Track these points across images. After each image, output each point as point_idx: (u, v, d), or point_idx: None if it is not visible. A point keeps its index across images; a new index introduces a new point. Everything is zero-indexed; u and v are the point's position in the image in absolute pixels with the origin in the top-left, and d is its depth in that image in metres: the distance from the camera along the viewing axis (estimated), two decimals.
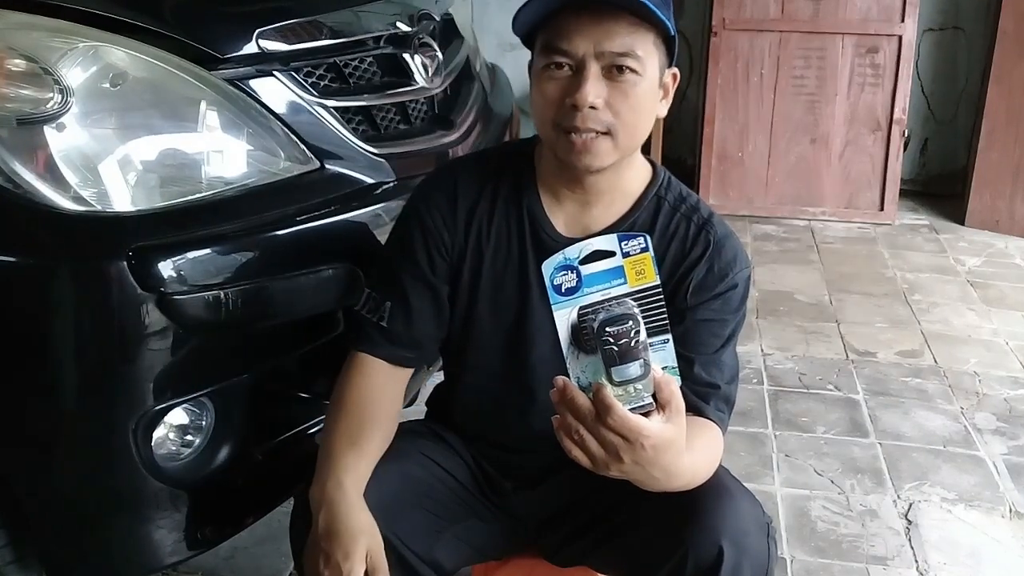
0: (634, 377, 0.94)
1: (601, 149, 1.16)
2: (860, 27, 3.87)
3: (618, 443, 0.95)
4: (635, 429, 0.94)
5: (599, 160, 1.17)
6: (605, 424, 0.94)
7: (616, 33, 1.12)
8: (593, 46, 1.12)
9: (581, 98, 1.12)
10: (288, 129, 1.44)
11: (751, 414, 2.47)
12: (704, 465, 1.13)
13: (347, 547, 1.15)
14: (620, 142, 1.17)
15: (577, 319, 0.95)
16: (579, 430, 0.95)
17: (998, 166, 3.84)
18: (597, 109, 1.13)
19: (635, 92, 1.14)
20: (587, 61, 1.13)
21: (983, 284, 3.36)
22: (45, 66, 1.25)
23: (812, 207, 4.01)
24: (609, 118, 1.14)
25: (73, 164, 1.25)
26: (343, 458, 1.22)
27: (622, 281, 0.96)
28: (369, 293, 1.30)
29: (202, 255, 1.28)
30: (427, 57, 1.70)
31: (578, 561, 1.38)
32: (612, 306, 0.95)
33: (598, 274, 0.96)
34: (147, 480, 1.31)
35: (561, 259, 0.95)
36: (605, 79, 1.13)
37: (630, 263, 0.96)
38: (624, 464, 0.97)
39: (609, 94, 1.13)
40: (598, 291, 0.95)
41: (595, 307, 0.95)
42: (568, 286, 0.95)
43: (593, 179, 1.22)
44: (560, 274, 0.95)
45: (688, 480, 1.09)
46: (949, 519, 2.07)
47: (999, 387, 2.64)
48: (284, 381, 1.54)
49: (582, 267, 0.96)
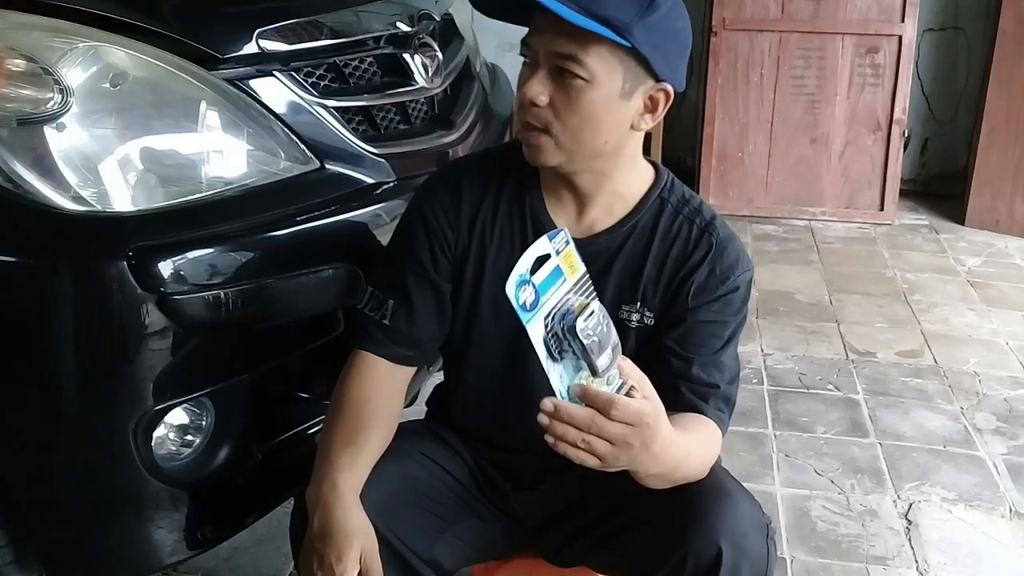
0: (610, 362, 0.97)
1: (541, 145, 1.17)
2: (860, 27, 3.87)
3: (626, 431, 0.97)
4: (637, 411, 0.97)
5: (542, 157, 1.18)
6: (611, 418, 0.96)
7: (563, 35, 1.11)
8: (545, 44, 1.13)
9: (523, 93, 1.15)
10: (288, 129, 1.44)
11: (751, 414, 2.47)
12: (698, 452, 1.14)
13: (340, 548, 1.16)
14: (562, 143, 1.16)
15: (545, 329, 0.95)
16: (584, 437, 0.96)
17: (998, 166, 3.83)
18: (539, 106, 1.14)
19: (580, 97, 1.13)
20: (541, 59, 1.14)
21: (983, 284, 3.36)
22: (45, 66, 1.25)
23: (812, 207, 4.01)
24: (548, 116, 1.15)
25: (73, 164, 1.25)
26: (339, 458, 1.22)
27: (563, 279, 0.98)
28: (371, 291, 1.30)
29: (202, 255, 1.28)
30: (427, 57, 1.70)
31: (578, 561, 1.38)
32: (567, 304, 0.97)
33: (546, 279, 0.96)
34: (147, 480, 1.31)
35: (518, 278, 0.95)
36: (553, 79, 1.14)
37: (563, 259, 0.98)
38: (634, 449, 0.99)
39: (554, 94, 1.14)
40: (550, 295, 0.96)
41: (551, 313, 0.96)
42: (530, 300, 0.95)
43: (574, 179, 1.22)
44: (521, 290, 0.94)
45: (683, 456, 1.09)
46: (949, 519, 2.07)
47: (999, 387, 2.64)
48: (284, 381, 1.54)
49: (533, 277, 0.95)
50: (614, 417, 0.96)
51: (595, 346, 0.95)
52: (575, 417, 0.95)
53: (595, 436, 0.96)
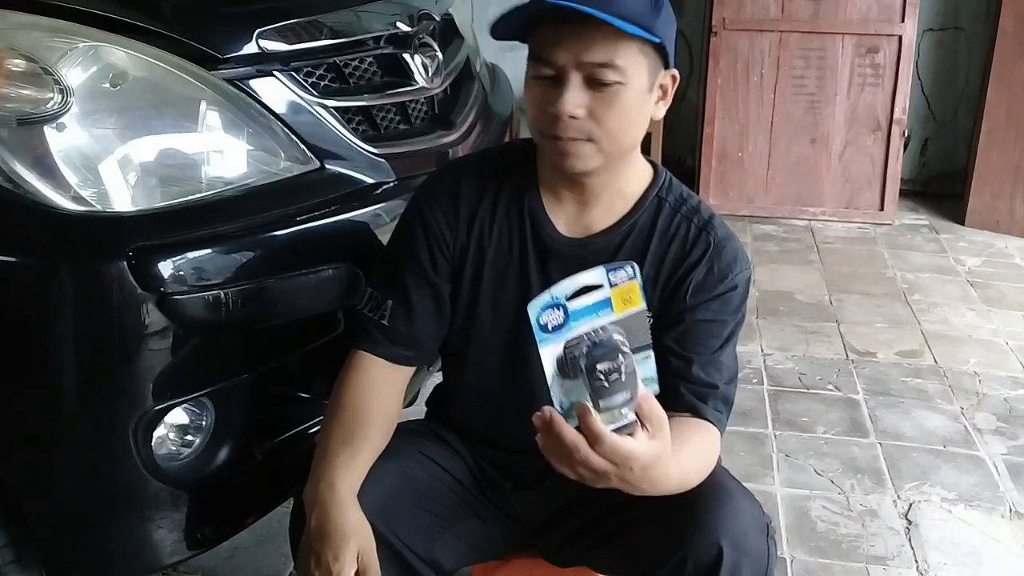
0: (620, 404, 0.94)
1: (584, 152, 1.16)
2: (860, 27, 3.87)
3: (607, 467, 0.96)
4: (624, 454, 0.95)
5: (583, 163, 1.17)
6: (595, 451, 0.95)
7: (595, 44, 1.11)
8: (573, 56, 1.11)
9: (560, 108, 1.12)
10: (288, 129, 1.44)
11: (751, 414, 2.47)
12: (696, 469, 1.13)
13: (337, 548, 1.16)
14: (604, 147, 1.16)
15: (563, 352, 0.94)
16: (568, 458, 0.96)
17: (998, 166, 3.84)
18: (578, 119, 1.13)
19: (618, 100, 1.13)
20: (568, 71, 1.12)
21: (983, 284, 3.36)
22: (45, 66, 1.25)
23: (812, 207, 4.01)
24: (590, 127, 1.14)
25: (73, 164, 1.25)
26: (336, 458, 1.22)
27: (609, 311, 0.95)
28: (371, 292, 1.30)
29: (202, 255, 1.28)
30: (427, 57, 1.70)
31: (578, 561, 1.38)
32: (598, 334, 0.93)
33: (585, 308, 0.94)
34: (147, 480, 1.31)
35: (548, 299, 0.93)
36: (587, 88, 1.13)
37: (617, 293, 0.95)
38: (612, 483, 0.98)
39: (591, 103, 1.13)
40: (585, 323, 0.94)
41: (579, 339, 0.93)
42: (555, 323, 0.93)
43: (588, 180, 1.22)
44: (547, 312, 0.93)
45: (677, 485, 1.09)
46: (949, 519, 2.07)
47: (999, 387, 2.64)
48: (284, 381, 1.54)
49: (568, 303, 0.94)
50: (598, 452, 0.95)
51: (603, 391, 0.92)
52: (564, 437, 0.95)
53: (578, 462, 0.96)
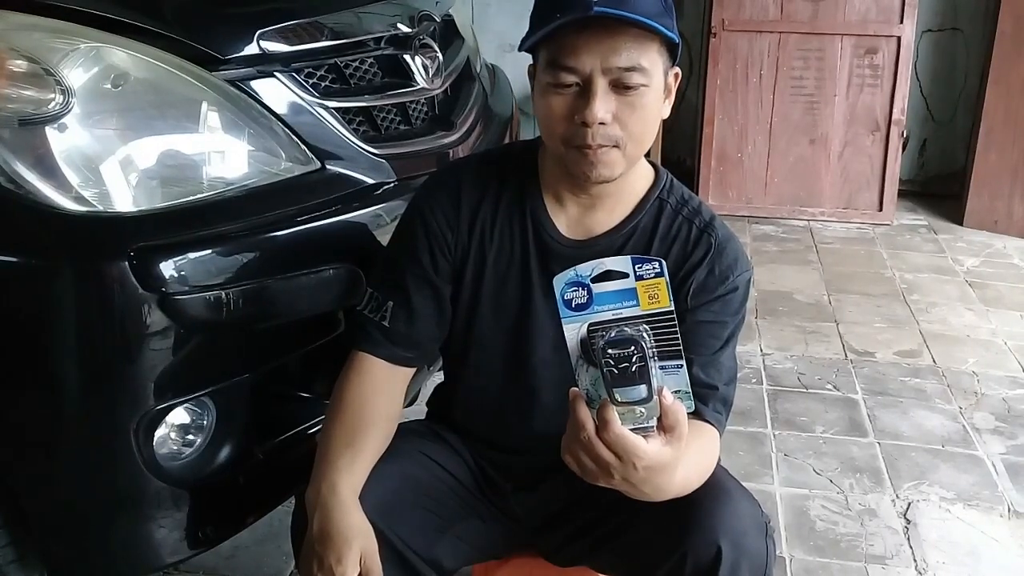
0: (636, 400, 0.93)
1: (612, 159, 1.16)
2: (859, 28, 3.88)
3: (610, 459, 0.95)
4: (630, 449, 0.94)
5: (610, 171, 1.17)
6: (601, 438, 0.94)
7: (622, 48, 1.10)
8: (600, 62, 1.11)
9: (591, 115, 1.11)
10: (289, 130, 1.44)
11: (750, 414, 2.47)
12: (696, 472, 1.13)
13: (340, 550, 1.16)
14: (628, 152, 1.17)
15: (587, 334, 0.95)
16: (572, 443, 0.96)
17: (996, 167, 3.84)
18: (606, 124, 1.13)
19: (643, 103, 1.13)
20: (594, 77, 1.11)
21: (981, 284, 3.37)
22: (47, 67, 1.25)
23: (811, 207, 4.01)
24: (618, 132, 1.14)
25: (75, 164, 1.25)
26: (338, 460, 1.22)
27: (634, 303, 0.95)
28: (371, 292, 1.30)
29: (203, 255, 1.28)
30: (427, 58, 1.70)
31: (578, 561, 1.39)
32: (623, 327, 0.94)
33: (609, 293, 0.95)
34: (148, 480, 1.32)
35: (573, 275, 0.95)
36: (612, 93, 1.12)
37: (643, 286, 0.95)
38: (613, 479, 0.97)
39: (617, 108, 1.13)
40: (609, 310, 0.95)
41: (606, 325, 0.94)
42: (579, 302, 0.94)
43: (600, 186, 1.21)
44: (571, 290, 0.94)
45: (679, 491, 1.09)
46: (948, 518, 2.07)
47: (997, 387, 2.65)
48: (285, 381, 1.55)
49: (593, 285, 0.95)
50: (604, 439, 0.94)
51: (616, 379, 0.92)
52: (576, 414, 0.95)
53: (581, 449, 0.96)
